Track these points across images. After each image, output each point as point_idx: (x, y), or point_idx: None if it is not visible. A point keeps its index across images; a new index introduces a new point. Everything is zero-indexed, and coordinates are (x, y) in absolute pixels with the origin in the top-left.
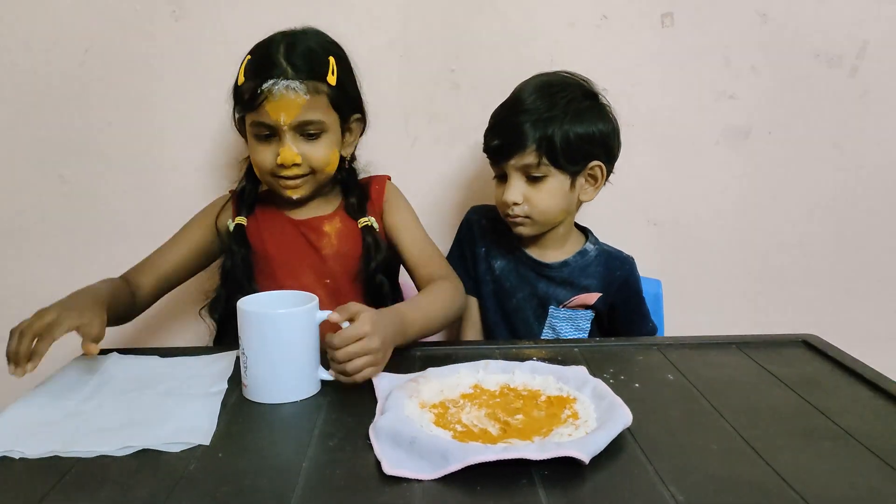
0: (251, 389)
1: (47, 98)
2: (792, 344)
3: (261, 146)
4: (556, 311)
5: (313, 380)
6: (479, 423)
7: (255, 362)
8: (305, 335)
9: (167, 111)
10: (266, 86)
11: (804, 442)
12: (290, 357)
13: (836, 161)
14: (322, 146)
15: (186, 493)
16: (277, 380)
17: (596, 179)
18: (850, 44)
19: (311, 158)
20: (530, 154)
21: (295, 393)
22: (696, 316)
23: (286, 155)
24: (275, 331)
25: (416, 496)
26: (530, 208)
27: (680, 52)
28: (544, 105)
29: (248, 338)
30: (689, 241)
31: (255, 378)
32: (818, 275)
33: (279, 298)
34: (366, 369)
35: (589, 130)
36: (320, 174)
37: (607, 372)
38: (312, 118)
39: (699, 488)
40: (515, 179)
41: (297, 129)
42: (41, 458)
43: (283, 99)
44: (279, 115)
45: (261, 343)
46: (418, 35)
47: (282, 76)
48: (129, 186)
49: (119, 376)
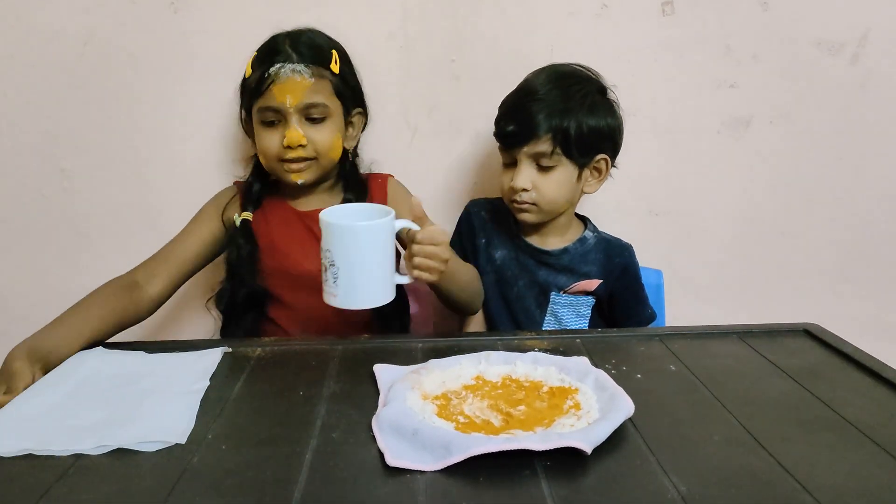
0: (342, 297)
1: (47, 91)
2: (793, 333)
3: (267, 132)
4: (557, 297)
5: (392, 284)
6: (481, 414)
7: (344, 271)
8: (387, 243)
9: (167, 104)
10: (273, 69)
11: (806, 432)
12: (376, 264)
13: (837, 150)
14: (326, 130)
15: (191, 486)
16: (367, 285)
17: (600, 172)
18: (851, 32)
19: (315, 142)
20: (544, 142)
21: (380, 297)
22: (698, 306)
23: (292, 136)
24: (364, 241)
25: (419, 487)
26: (538, 196)
27: (680, 40)
28: (560, 96)
29: (337, 249)
30: (690, 231)
31: (345, 286)
32: (819, 264)
33: (354, 210)
34: (429, 273)
35: (600, 124)
36: (324, 159)
37: (609, 363)
38: (317, 101)
39: (701, 478)
40: (526, 166)
41: (303, 111)
42: (40, 456)
43: (290, 81)
44: (285, 97)
45: (351, 253)
46: (418, 26)
47: (287, 60)
48: (130, 180)
49: (101, 373)
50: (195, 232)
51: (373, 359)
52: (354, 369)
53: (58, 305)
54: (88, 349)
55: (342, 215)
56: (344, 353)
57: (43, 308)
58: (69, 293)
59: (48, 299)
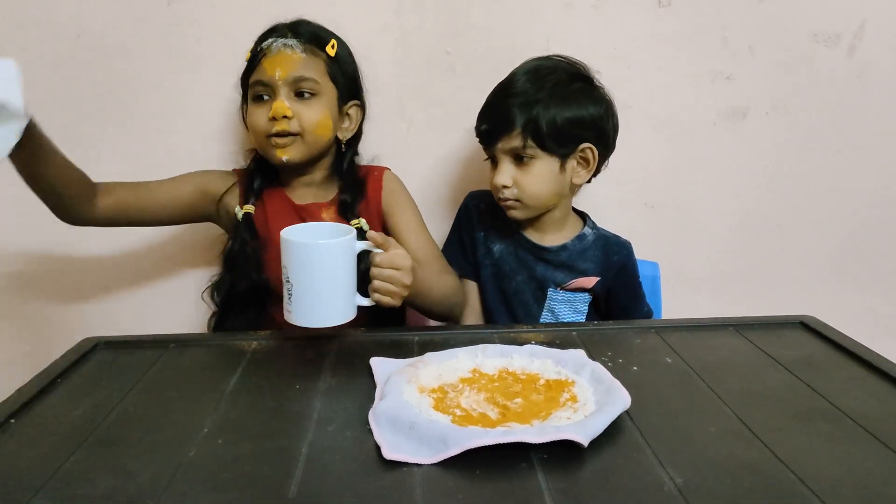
0: (296, 314)
1: (39, 84)
2: (789, 325)
3: (256, 107)
4: (554, 293)
5: (351, 305)
6: (478, 407)
7: (299, 289)
8: (346, 263)
9: (161, 97)
10: (265, 44)
11: (802, 423)
12: (332, 284)
13: (834, 141)
14: (314, 108)
15: (186, 480)
16: (320, 304)
17: (588, 162)
18: (847, 23)
19: (301, 117)
20: (516, 137)
21: (336, 317)
22: (694, 298)
23: (277, 107)
24: (319, 259)
25: (416, 481)
26: (520, 192)
27: (677, 32)
28: (532, 88)
29: (293, 266)
30: (686, 223)
31: (299, 303)
32: (816, 256)
33: (317, 229)
34: (390, 296)
35: (577, 114)
36: (309, 136)
37: (605, 355)
38: (306, 75)
39: (697, 470)
40: (504, 163)
41: (292, 85)
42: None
43: (280, 55)
44: (275, 70)
45: (306, 271)
46: (413, 19)
47: (281, 36)
48: (123, 173)
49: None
50: (172, 188)
51: (369, 352)
52: (351, 363)
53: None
54: None
55: (301, 233)
56: (340, 346)
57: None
58: (61, 289)
59: (40, 293)
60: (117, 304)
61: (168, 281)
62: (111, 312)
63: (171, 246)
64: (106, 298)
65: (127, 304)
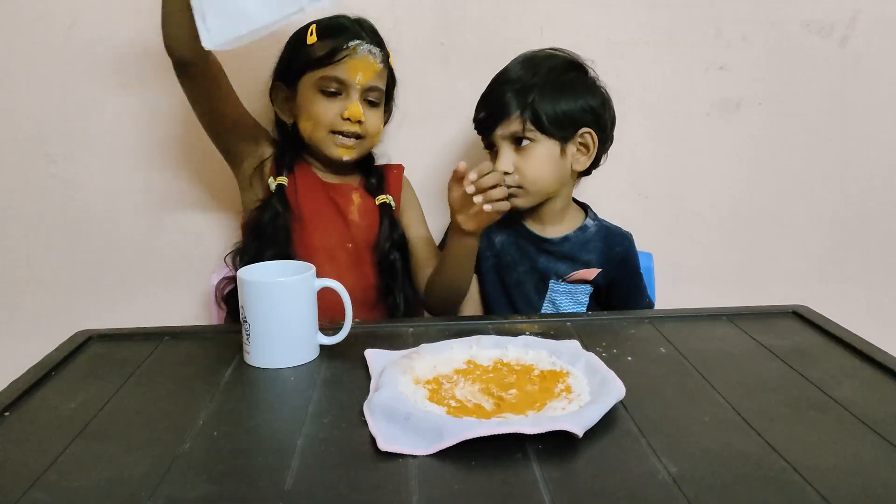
0: (253, 355)
1: (32, 75)
2: (782, 315)
3: (325, 100)
4: (556, 284)
5: (313, 344)
6: (472, 398)
7: (257, 329)
8: (305, 302)
9: (155, 88)
10: (352, 43)
11: (795, 412)
12: (290, 323)
13: (827, 131)
14: (377, 116)
15: (182, 472)
16: (279, 345)
17: (588, 148)
18: (840, 13)
19: (368, 123)
20: (515, 121)
21: (296, 357)
22: (688, 288)
23: (354, 110)
24: (275, 299)
25: (411, 472)
26: (521, 178)
27: (670, 22)
28: (527, 74)
29: (250, 306)
30: (680, 214)
31: (257, 344)
32: (808, 246)
33: (277, 267)
34: (501, 202)
35: (574, 98)
36: (369, 141)
37: (600, 346)
38: (379, 86)
39: (692, 460)
40: (505, 149)
41: (365, 92)
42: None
43: (364, 60)
44: (357, 73)
45: (263, 311)
46: (406, 9)
47: (365, 40)
48: (118, 165)
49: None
50: (247, 116)
51: (364, 344)
52: (346, 354)
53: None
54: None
55: (259, 272)
56: None
57: (31, 295)
58: (56, 280)
59: (34, 286)
60: (111, 296)
61: (162, 274)
62: (105, 305)
63: (166, 239)
64: (100, 291)
65: (121, 297)
